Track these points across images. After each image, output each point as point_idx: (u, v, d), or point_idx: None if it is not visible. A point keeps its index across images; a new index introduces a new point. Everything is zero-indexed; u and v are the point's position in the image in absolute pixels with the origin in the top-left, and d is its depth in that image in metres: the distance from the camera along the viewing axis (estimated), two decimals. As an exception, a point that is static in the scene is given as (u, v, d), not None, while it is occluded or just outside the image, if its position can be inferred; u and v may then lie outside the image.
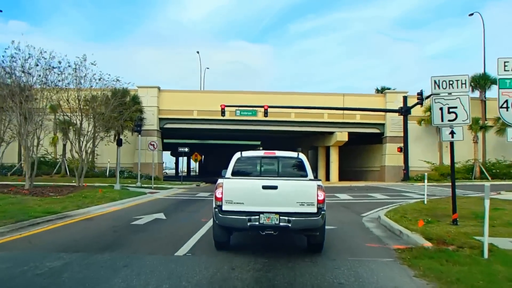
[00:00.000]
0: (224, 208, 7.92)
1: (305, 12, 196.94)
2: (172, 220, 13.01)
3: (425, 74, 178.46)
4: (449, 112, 11.60)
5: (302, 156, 9.46)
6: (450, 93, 11.63)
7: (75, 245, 8.64)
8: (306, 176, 9.17)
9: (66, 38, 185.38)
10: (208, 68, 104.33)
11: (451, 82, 11.70)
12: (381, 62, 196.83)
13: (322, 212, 7.86)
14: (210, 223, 9.91)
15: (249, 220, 7.75)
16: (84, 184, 23.47)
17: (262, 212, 7.79)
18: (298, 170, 9.35)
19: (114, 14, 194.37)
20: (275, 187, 7.88)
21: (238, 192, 7.98)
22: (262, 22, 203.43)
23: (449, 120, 11.56)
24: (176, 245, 8.65)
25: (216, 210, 7.97)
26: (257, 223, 7.76)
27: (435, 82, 11.79)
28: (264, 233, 7.90)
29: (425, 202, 17.29)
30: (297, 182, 8.37)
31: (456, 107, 11.53)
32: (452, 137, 11.65)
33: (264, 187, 7.89)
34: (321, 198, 7.86)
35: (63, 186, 23.16)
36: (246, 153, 9.55)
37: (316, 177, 9.59)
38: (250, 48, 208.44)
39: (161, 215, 13.76)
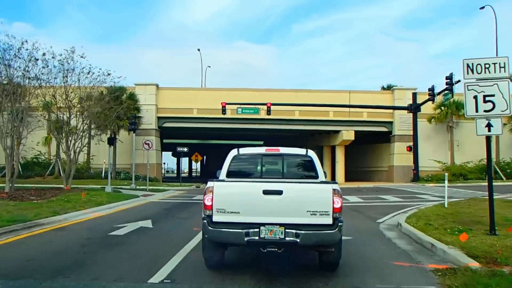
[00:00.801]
0: (215, 218, 6.19)
1: (308, 12, 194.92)
2: (159, 229, 11.17)
3: (427, 73, 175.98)
4: (484, 101, 9.79)
5: (311, 153, 7.69)
6: (485, 79, 9.81)
7: (24, 267, 6.80)
8: (316, 177, 7.45)
9: (70, 40, 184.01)
10: (209, 66, 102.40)
11: (487, 66, 9.86)
12: (384, 62, 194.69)
13: (339, 224, 6.11)
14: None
15: (247, 234, 6.03)
16: (66, 187, 21.58)
17: (263, 224, 6.08)
18: (307, 170, 7.62)
19: (118, 16, 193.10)
20: (279, 192, 6.16)
21: (233, 199, 6.26)
22: (265, 22, 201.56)
23: (485, 111, 9.75)
24: (155, 265, 6.82)
25: (205, 221, 6.22)
26: (256, 237, 6.04)
27: (467, 65, 9.94)
28: (265, 251, 6.14)
29: (446, 206, 15.46)
30: (307, 185, 6.58)
31: (493, 95, 9.73)
32: (489, 130, 9.80)
33: (266, 192, 6.17)
34: (337, 205, 6.10)
35: (48, 188, 21.40)
36: (245, 150, 7.82)
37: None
38: (253, 48, 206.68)
39: (148, 223, 11.94)
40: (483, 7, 41.26)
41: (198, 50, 63.95)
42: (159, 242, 9.24)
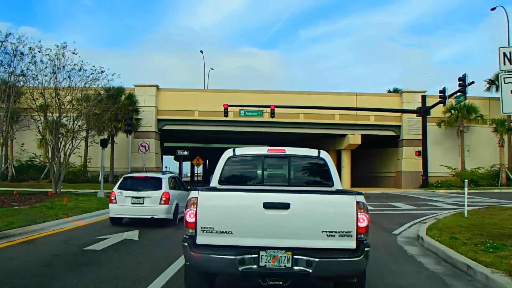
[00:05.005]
0: (200, 240, 4.72)
1: (315, 18, 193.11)
2: (145, 242, 9.73)
3: (433, 79, 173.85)
4: (525, 96, 8.39)
5: (325, 155, 6.25)
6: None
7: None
8: (331, 185, 5.98)
9: (77, 45, 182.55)
10: (212, 68, 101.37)
11: (528, 55, 8.47)
12: (390, 68, 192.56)
13: (366, 249, 4.63)
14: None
15: (242, 262, 4.55)
16: (49, 192, 20.20)
17: (264, 248, 4.62)
18: (319, 176, 6.17)
19: (126, 21, 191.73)
20: (285, 206, 4.66)
21: (224, 214, 4.76)
22: (272, 28, 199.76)
23: (525, 107, 8.33)
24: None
25: (186, 243, 4.73)
26: (254, 266, 4.58)
27: (504, 55, 8.56)
28: (266, 284, 4.64)
29: (466, 215, 14.04)
30: (322, 196, 5.06)
31: (534, 89, 8.31)
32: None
33: (268, 206, 4.67)
34: (363, 224, 4.64)
35: (35, 193, 20.01)
36: (242, 150, 6.38)
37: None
38: (260, 54, 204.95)
39: (134, 234, 10.49)
40: (494, 8, 39.92)
41: (201, 52, 62.65)
42: (141, 259, 7.78)
